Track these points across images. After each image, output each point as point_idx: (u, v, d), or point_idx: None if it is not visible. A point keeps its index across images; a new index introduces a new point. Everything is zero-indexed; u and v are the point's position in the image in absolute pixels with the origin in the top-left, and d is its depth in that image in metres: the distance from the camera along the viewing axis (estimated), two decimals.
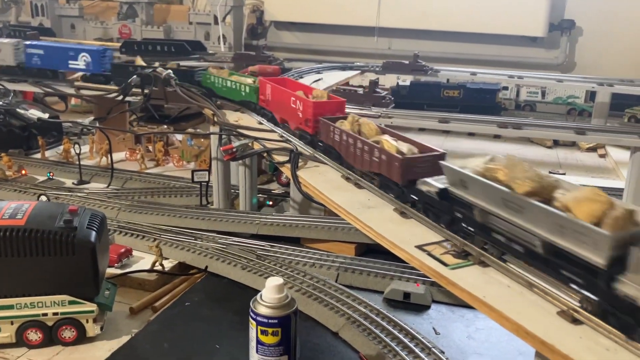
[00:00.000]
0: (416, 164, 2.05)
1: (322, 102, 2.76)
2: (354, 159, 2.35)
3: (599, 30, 7.11)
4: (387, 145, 2.17)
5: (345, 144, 2.40)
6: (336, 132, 2.47)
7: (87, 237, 2.21)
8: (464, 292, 1.57)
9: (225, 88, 3.65)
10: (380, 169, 2.16)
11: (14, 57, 4.32)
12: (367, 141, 2.25)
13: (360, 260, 2.88)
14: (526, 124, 3.44)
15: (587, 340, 1.34)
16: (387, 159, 2.10)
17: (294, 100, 2.84)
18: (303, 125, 2.78)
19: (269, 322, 1.81)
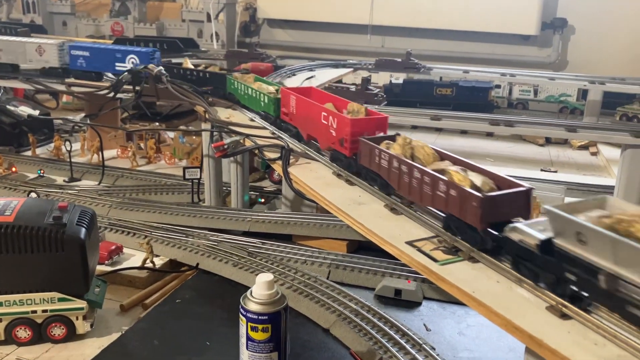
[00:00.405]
0: (500, 204, 1.67)
1: (362, 119, 2.38)
2: (408, 190, 1.96)
3: (591, 29, 7.14)
4: (457, 177, 1.78)
5: (397, 172, 2.01)
6: (384, 157, 2.09)
7: (77, 233, 2.20)
8: (453, 287, 1.57)
9: (246, 96, 3.33)
10: (448, 207, 1.77)
11: (58, 59, 4.20)
12: (430, 172, 1.85)
13: (352, 257, 2.87)
14: (518, 121, 3.45)
15: (575, 334, 1.35)
16: (459, 196, 1.71)
17: (326, 115, 2.48)
18: (337, 146, 2.41)
19: (259, 318, 1.81)
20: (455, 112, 3.91)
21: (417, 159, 2.05)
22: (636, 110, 6.22)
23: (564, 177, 4.34)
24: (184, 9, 7.89)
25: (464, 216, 1.71)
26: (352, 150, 2.32)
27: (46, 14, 8.09)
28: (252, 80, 3.42)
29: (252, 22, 8.28)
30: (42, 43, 4.23)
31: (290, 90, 2.87)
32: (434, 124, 3.54)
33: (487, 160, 5.01)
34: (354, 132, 2.30)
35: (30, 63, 4.33)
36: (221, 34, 7.58)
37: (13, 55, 4.28)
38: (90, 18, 8.13)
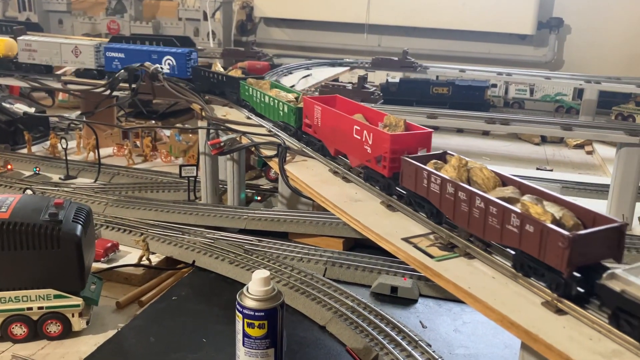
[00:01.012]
0: (590, 244, 1.42)
1: (403, 134, 2.10)
2: (467, 221, 1.69)
3: (587, 28, 7.16)
4: (535, 210, 1.52)
5: (451, 199, 1.74)
6: (434, 180, 1.82)
7: (73, 230, 2.20)
8: (449, 283, 1.57)
9: (263, 104, 3.08)
10: (522, 244, 1.51)
11: (94, 60, 4.15)
12: (498, 202, 1.58)
13: (348, 255, 2.88)
14: (514, 120, 3.46)
15: (570, 330, 1.35)
16: (539, 233, 1.46)
17: (359, 129, 2.21)
18: (373, 164, 2.15)
19: (255, 314, 1.81)
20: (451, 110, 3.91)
21: (475, 184, 1.78)
22: (631, 110, 6.24)
23: (559, 176, 4.35)
24: (181, 8, 7.89)
25: (543, 256, 1.45)
26: (392, 169, 2.06)
27: (42, 11, 8.07)
28: (269, 86, 3.21)
29: (248, 20, 8.27)
30: (78, 44, 4.19)
31: (314, 100, 2.60)
32: (430, 122, 3.54)
33: (483, 158, 5.02)
34: (394, 149, 2.04)
35: (65, 64, 4.31)
36: (218, 32, 7.58)
37: (47, 56, 4.24)
38: (87, 16, 8.10)
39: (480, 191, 1.67)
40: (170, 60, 3.97)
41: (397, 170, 2.05)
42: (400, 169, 2.01)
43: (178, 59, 3.96)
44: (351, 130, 2.27)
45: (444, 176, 1.79)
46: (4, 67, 4.38)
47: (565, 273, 1.41)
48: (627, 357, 1.25)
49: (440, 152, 2.03)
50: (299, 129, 2.76)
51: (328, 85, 4.26)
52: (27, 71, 4.35)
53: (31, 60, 4.29)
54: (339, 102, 2.70)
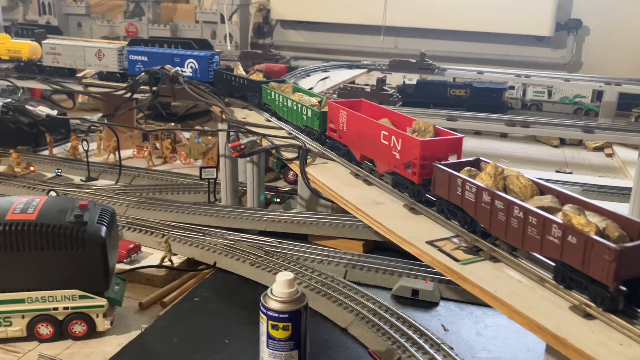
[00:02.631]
0: (637, 256, 1.38)
1: (433, 140, 2.07)
2: (504, 231, 1.65)
3: (605, 30, 7.10)
4: (579, 221, 1.47)
5: (487, 208, 1.70)
6: (469, 188, 1.79)
7: (97, 231, 2.23)
8: (475, 286, 1.57)
9: (285, 108, 3.07)
10: (564, 255, 1.48)
11: (117, 63, 4.20)
12: (539, 212, 1.54)
13: (368, 257, 2.88)
14: (534, 122, 3.45)
15: (599, 334, 1.35)
16: (583, 244, 1.42)
17: (387, 135, 2.19)
18: (401, 170, 2.13)
19: (279, 316, 1.82)
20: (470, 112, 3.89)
21: (512, 192, 1.74)
22: None
23: (579, 179, 4.31)
24: (198, 10, 7.94)
25: (587, 269, 1.42)
26: (422, 176, 2.03)
27: (61, 15, 8.16)
28: (291, 90, 3.19)
29: (265, 23, 8.31)
30: (101, 47, 4.24)
31: (338, 104, 2.58)
32: (449, 124, 3.53)
33: (501, 161, 4.99)
34: (424, 155, 2.01)
35: (89, 67, 4.36)
36: (235, 35, 7.62)
37: (71, 59, 4.30)
38: (105, 19, 8.20)
39: (518, 200, 1.63)
40: (192, 64, 4.00)
41: (427, 177, 2.01)
42: (430, 175, 1.99)
43: (200, 62, 3.99)
44: (379, 136, 2.24)
45: (479, 184, 1.75)
46: (28, 70, 4.44)
47: (611, 287, 1.37)
48: None
49: (474, 158, 1.99)
50: (323, 133, 2.75)
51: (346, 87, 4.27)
52: (51, 74, 4.41)
53: (55, 64, 4.35)
54: (364, 106, 2.69)
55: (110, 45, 4.28)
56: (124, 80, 4.22)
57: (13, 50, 4.48)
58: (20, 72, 4.48)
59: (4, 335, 2.23)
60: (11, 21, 7.80)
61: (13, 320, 2.22)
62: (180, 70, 3.81)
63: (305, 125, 2.90)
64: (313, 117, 2.79)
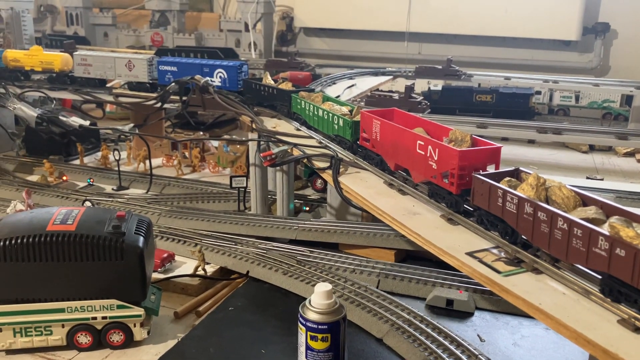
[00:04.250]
0: None
1: (472, 150, 2.07)
2: (547, 243, 1.65)
3: (634, 33, 7.00)
4: (627, 233, 1.47)
5: (530, 220, 1.70)
6: (510, 199, 1.78)
7: (135, 242, 2.25)
8: (519, 299, 1.56)
9: (316, 117, 3.11)
10: (612, 268, 1.48)
11: (147, 74, 4.25)
12: (584, 224, 1.55)
13: (401, 267, 2.87)
14: (565, 129, 3.41)
15: None
16: (631, 257, 1.41)
17: (423, 145, 2.20)
18: (439, 180, 2.13)
19: (318, 327, 1.82)
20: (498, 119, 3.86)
21: (554, 203, 1.74)
22: None
23: (611, 185, 4.24)
24: (222, 19, 8.01)
25: (637, 282, 1.42)
26: (460, 186, 2.03)
27: (89, 25, 8.30)
28: (321, 100, 3.23)
29: (288, 31, 8.37)
30: (131, 58, 4.31)
31: (372, 114, 2.61)
32: (479, 131, 3.51)
33: (531, 167, 4.94)
34: (463, 165, 2.02)
35: (119, 78, 4.44)
36: (259, 43, 7.67)
37: (102, 70, 4.38)
38: (131, 29, 8.31)
39: (562, 212, 1.61)
40: (221, 73, 4.04)
41: (465, 187, 2.01)
42: (468, 185, 1.97)
43: (229, 72, 4.03)
44: (414, 145, 2.25)
45: (521, 195, 1.74)
46: (60, 81, 4.53)
47: None
48: None
49: (513, 168, 1.98)
50: (355, 143, 2.76)
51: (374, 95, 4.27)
52: (82, 85, 4.49)
53: (86, 74, 4.42)
54: (396, 115, 2.70)
55: (140, 56, 4.34)
56: (154, 90, 4.28)
57: (45, 62, 4.57)
58: (52, 83, 4.57)
59: (45, 343, 2.26)
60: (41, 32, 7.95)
61: (53, 329, 2.26)
62: (210, 80, 3.85)
63: (336, 135, 2.90)
64: (345, 127, 2.80)
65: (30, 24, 6.73)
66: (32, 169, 4.39)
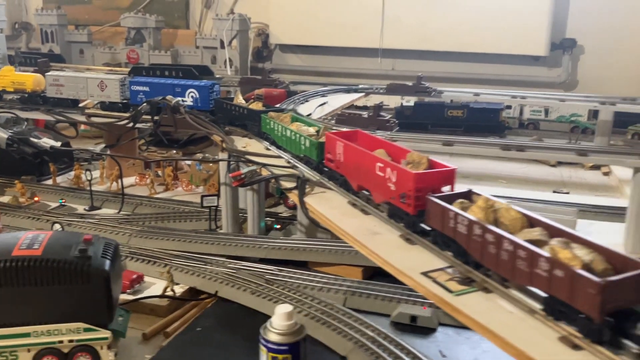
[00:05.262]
0: (622, 289, 1.42)
1: (427, 173, 2.14)
2: (495, 263, 1.71)
3: (600, 49, 7.20)
4: (564, 255, 1.52)
5: (479, 241, 1.76)
6: (461, 221, 1.85)
7: (102, 265, 2.28)
8: (468, 318, 1.62)
9: (284, 138, 3.17)
10: (552, 289, 1.53)
11: (120, 94, 4.28)
12: (526, 246, 1.60)
13: (368, 284, 2.92)
14: (529, 146, 3.51)
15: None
16: (569, 277, 1.47)
17: (382, 167, 2.26)
18: (396, 202, 2.19)
19: (279, 348, 1.87)
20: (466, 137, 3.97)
21: (502, 225, 1.79)
22: None
23: (576, 199, 4.37)
24: (198, 36, 8.06)
25: (574, 302, 1.46)
26: (417, 207, 2.09)
27: (64, 43, 8.28)
28: (289, 120, 3.29)
29: (264, 47, 8.44)
30: (104, 78, 4.33)
31: (335, 136, 2.66)
32: (445, 149, 3.60)
33: (500, 182, 5.06)
34: (418, 187, 2.07)
35: (91, 98, 4.45)
36: (234, 59, 7.73)
37: (74, 90, 4.40)
38: (107, 46, 8.32)
39: (507, 233, 1.68)
40: (193, 93, 4.09)
41: (422, 208, 2.07)
42: (424, 206, 2.04)
43: (201, 92, 4.08)
44: (374, 167, 2.31)
45: (471, 217, 1.81)
46: (33, 101, 4.54)
47: (596, 319, 1.42)
48: None
49: (466, 190, 2.05)
50: (321, 163, 2.82)
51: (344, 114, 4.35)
52: (54, 105, 4.50)
53: (59, 95, 4.44)
54: (360, 136, 2.76)
55: (112, 77, 4.37)
56: (126, 110, 4.31)
57: (17, 83, 4.58)
58: (24, 104, 4.58)
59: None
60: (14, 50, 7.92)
61: (19, 354, 2.26)
62: (181, 100, 3.90)
63: (304, 155, 2.96)
64: (311, 147, 2.86)
65: (2, 42, 6.70)
66: (4, 190, 4.38)
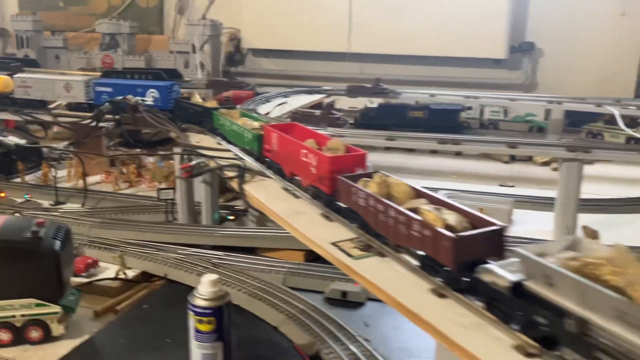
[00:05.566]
0: (471, 243, 1.66)
1: (340, 156, 2.38)
2: (385, 229, 1.96)
3: (558, 51, 7.53)
4: (431, 217, 1.78)
5: (373, 211, 2.01)
6: (360, 195, 2.09)
7: (52, 246, 2.49)
8: (361, 277, 1.86)
9: (232, 132, 3.38)
10: (423, 246, 1.78)
11: (84, 95, 4.50)
12: (404, 211, 1.84)
13: (308, 265, 3.15)
14: (464, 139, 3.76)
15: (447, 310, 1.63)
16: (433, 235, 1.70)
17: (306, 153, 2.51)
18: (317, 183, 2.43)
19: (204, 312, 2.08)
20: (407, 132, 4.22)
21: (394, 197, 2.02)
22: (600, 128, 6.55)
23: (519, 192, 4.63)
24: (171, 42, 8.28)
25: (437, 256, 1.71)
26: (332, 187, 2.32)
27: (40, 48, 8.46)
28: (238, 115, 3.48)
29: (237, 52, 8.68)
30: (69, 80, 4.55)
31: (271, 127, 2.88)
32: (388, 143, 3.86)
33: (451, 177, 5.32)
34: (333, 169, 2.30)
35: (58, 99, 4.67)
36: (206, 64, 7.96)
37: (41, 92, 4.61)
38: (82, 51, 8.51)
39: (393, 203, 1.94)
40: (154, 93, 4.32)
41: (337, 188, 2.32)
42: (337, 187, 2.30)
43: (161, 92, 4.31)
44: (299, 154, 2.57)
45: (367, 191, 2.06)
46: (1, 102, 4.74)
47: (452, 269, 1.67)
48: (485, 328, 1.53)
49: (372, 171, 2.29)
50: (261, 154, 3.05)
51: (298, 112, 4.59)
52: (23, 106, 4.70)
53: (26, 96, 4.65)
54: (297, 129, 2.99)
55: (77, 78, 4.59)
56: (92, 110, 4.52)
57: None
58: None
59: None
60: None
61: None
62: (140, 99, 4.12)
63: (248, 147, 3.19)
64: (253, 140, 3.09)
65: None
66: None
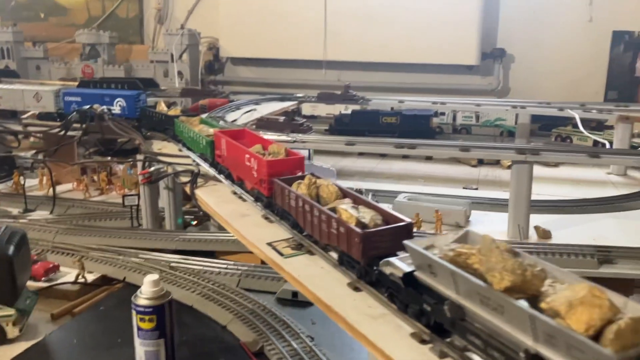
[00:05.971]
0: (378, 238, 1.76)
1: (277, 160, 2.49)
2: (311, 228, 2.06)
3: (529, 58, 7.69)
4: (345, 215, 1.87)
5: (302, 211, 2.11)
6: (291, 196, 2.20)
7: (5, 250, 2.58)
8: (288, 274, 1.96)
9: (190, 139, 3.47)
10: (340, 243, 1.87)
11: (54, 104, 4.62)
12: (324, 210, 1.96)
13: (263, 268, 3.23)
14: (421, 144, 3.87)
15: (358, 301, 1.73)
16: (346, 232, 1.81)
17: (248, 157, 2.61)
18: (258, 186, 2.54)
19: (145, 310, 2.18)
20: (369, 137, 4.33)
21: (322, 198, 2.14)
22: (568, 132, 6.70)
23: (480, 194, 4.75)
24: (150, 51, 8.37)
25: (350, 251, 1.81)
26: (270, 190, 2.44)
27: (20, 59, 8.53)
28: (197, 122, 3.59)
29: (215, 60, 8.79)
30: (39, 90, 4.66)
31: (221, 133, 2.99)
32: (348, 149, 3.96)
33: (418, 180, 5.43)
34: (270, 172, 2.41)
35: (28, 109, 4.77)
36: (185, 73, 8.06)
37: (12, 102, 4.71)
38: (63, 62, 8.58)
39: (319, 204, 2.06)
40: (121, 102, 4.41)
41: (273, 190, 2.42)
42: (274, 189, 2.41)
43: (128, 101, 4.41)
44: (244, 159, 2.68)
45: (297, 193, 2.17)
46: None
47: (362, 263, 1.78)
48: (389, 318, 1.63)
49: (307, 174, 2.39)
50: (214, 159, 3.15)
51: (263, 119, 4.70)
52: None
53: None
54: (247, 135, 3.10)
55: (47, 88, 4.69)
56: (62, 119, 4.61)
57: None
58: None
59: None
60: None
61: None
62: (107, 108, 4.21)
63: (202, 153, 3.29)
64: (207, 146, 3.19)
65: None
66: None
